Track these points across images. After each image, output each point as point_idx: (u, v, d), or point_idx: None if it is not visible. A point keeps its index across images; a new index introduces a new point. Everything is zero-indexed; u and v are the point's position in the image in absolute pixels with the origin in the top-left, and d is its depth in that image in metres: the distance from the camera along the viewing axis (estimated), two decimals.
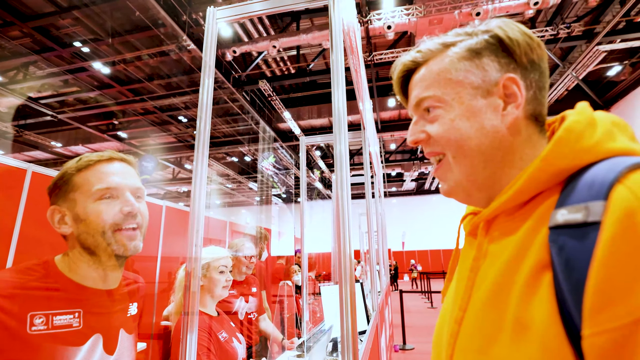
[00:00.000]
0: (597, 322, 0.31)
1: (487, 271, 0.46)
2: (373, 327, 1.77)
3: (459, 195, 0.53)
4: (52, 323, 0.68)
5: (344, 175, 0.88)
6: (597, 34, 6.33)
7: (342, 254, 0.83)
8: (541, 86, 0.49)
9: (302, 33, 6.36)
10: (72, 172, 0.77)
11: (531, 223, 0.42)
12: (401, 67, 0.56)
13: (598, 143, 0.40)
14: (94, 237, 0.74)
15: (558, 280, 0.35)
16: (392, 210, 18.53)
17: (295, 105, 10.33)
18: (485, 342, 0.41)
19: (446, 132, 0.50)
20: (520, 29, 0.49)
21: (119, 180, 0.79)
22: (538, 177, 0.42)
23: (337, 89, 0.94)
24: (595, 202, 0.34)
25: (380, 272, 3.64)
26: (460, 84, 0.49)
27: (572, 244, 0.35)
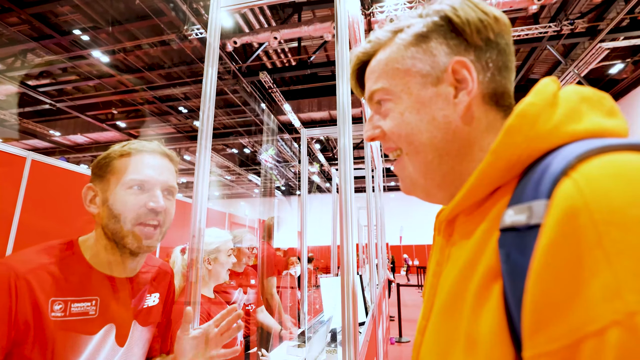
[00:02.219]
0: (536, 344, 0.26)
1: (446, 277, 0.42)
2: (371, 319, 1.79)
3: (418, 193, 0.49)
4: (70, 310, 0.67)
5: (347, 168, 0.89)
6: (600, 31, 6.30)
7: (345, 246, 0.84)
8: (501, 65, 0.43)
9: (303, 25, 6.30)
10: (115, 156, 0.78)
11: (486, 224, 0.37)
12: (354, 60, 0.53)
13: (557, 126, 0.33)
14: (113, 225, 0.74)
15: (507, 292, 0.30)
16: (390, 205, 18.58)
17: (296, 97, 10.28)
18: (442, 356, 0.37)
19: (396, 126, 0.46)
20: (474, 4, 0.44)
21: (153, 174, 0.78)
22: (489, 172, 0.36)
23: (342, 81, 0.93)
24: (539, 201, 0.29)
25: (378, 266, 3.67)
26: (408, 72, 0.45)
27: (515, 250, 0.30)
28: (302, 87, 10.08)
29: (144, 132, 12.48)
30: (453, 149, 0.43)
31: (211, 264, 1.42)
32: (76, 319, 0.68)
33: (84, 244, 0.76)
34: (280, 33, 6.43)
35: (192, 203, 0.92)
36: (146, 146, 0.82)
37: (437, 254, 0.46)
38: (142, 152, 0.80)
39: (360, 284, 2.02)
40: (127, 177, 0.76)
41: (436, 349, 0.39)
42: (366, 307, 1.90)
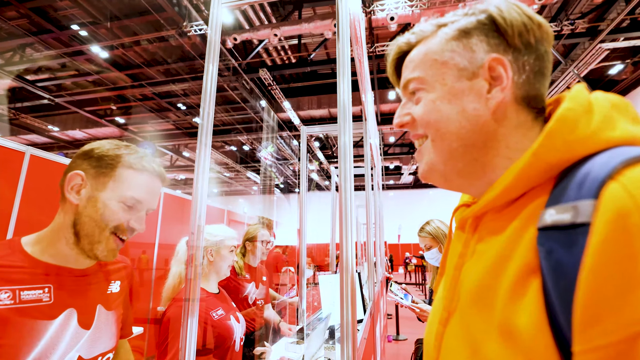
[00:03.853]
0: (588, 338, 0.27)
1: (471, 270, 0.44)
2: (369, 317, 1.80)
3: (435, 178, 0.50)
4: (20, 297, 0.68)
5: (347, 166, 0.89)
6: (600, 31, 6.30)
7: (344, 244, 0.84)
8: (537, 70, 0.45)
9: (304, 22, 6.28)
10: (125, 164, 0.79)
11: (519, 222, 0.38)
12: (396, 50, 0.54)
13: (595, 132, 0.36)
14: (91, 227, 0.75)
15: (547, 287, 0.32)
16: (389, 203, 18.60)
17: (295, 95, 10.27)
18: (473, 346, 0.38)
19: (426, 113, 0.47)
20: (520, 9, 0.45)
21: (148, 198, 0.82)
22: (527, 173, 0.38)
23: (343, 79, 0.93)
24: (585, 201, 0.30)
25: (377, 264, 3.67)
26: (446, 64, 0.47)
27: (559, 247, 0.31)
28: (302, 85, 10.06)
29: (143, 128, 12.45)
30: (479, 141, 0.45)
31: (213, 256, 1.43)
32: (30, 306, 0.69)
33: (30, 240, 0.76)
34: (280, 30, 6.41)
35: (191, 200, 0.92)
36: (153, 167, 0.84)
37: (460, 248, 0.47)
38: (150, 173, 0.83)
39: (358, 281, 2.03)
40: (128, 192, 0.78)
41: (466, 338, 0.40)
42: (364, 305, 1.91)
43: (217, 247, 1.44)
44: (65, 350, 0.73)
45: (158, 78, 8.88)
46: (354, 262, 0.84)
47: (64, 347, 0.73)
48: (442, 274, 0.56)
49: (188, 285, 0.87)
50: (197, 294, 0.89)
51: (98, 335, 0.81)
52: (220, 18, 1.04)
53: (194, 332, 0.86)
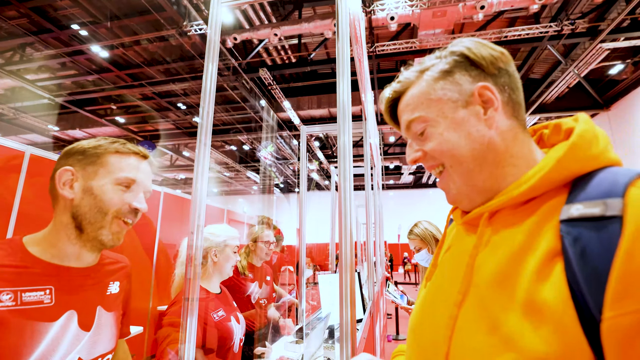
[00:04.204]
0: (621, 305, 0.34)
1: (488, 258, 0.49)
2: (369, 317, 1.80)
3: (463, 202, 0.57)
4: (21, 299, 0.68)
5: (347, 166, 0.89)
6: (601, 31, 6.30)
7: (343, 243, 0.84)
8: (514, 87, 0.55)
9: (304, 22, 6.28)
10: (110, 151, 0.81)
11: (537, 217, 0.45)
12: (386, 100, 0.63)
13: (602, 153, 0.46)
14: (94, 215, 0.76)
15: (571, 268, 0.38)
16: (389, 203, 18.60)
17: (295, 95, 10.26)
18: (491, 323, 0.43)
19: (438, 145, 0.54)
20: (483, 44, 0.56)
21: (142, 177, 0.84)
22: (552, 177, 0.46)
23: (342, 79, 0.93)
24: (613, 199, 0.38)
25: (376, 264, 3.67)
26: (441, 100, 0.55)
27: (588, 234, 0.38)
28: (301, 85, 10.06)
29: (143, 127, 12.45)
30: (489, 157, 0.52)
31: (217, 256, 1.43)
32: (31, 308, 0.69)
33: (31, 239, 0.76)
34: (280, 30, 6.41)
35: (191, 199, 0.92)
36: (138, 149, 0.86)
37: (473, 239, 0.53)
38: (136, 155, 0.85)
39: (358, 281, 2.03)
40: (120, 173, 0.80)
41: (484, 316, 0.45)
42: (364, 304, 1.91)
43: (221, 247, 1.44)
44: (65, 352, 0.73)
45: (158, 77, 8.88)
46: (353, 262, 0.84)
47: (64, 349, 0.73)
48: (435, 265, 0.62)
49: (187, 284, 0.88)
50: (196, 293, 0.89)
51: (98, 337, 0.81)
52: (219, 17, 1.04)
53: (194, 331, 0.86)
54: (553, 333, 0.37)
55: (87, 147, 0.80)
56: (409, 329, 0.63)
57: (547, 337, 0.37)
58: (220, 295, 1.47)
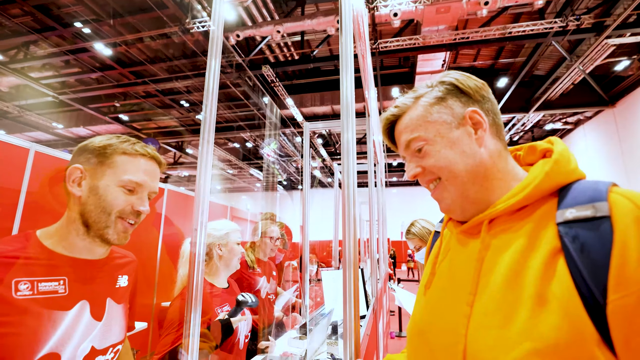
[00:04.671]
0: (622, 288, 0.40)
1: (493, 260, 0.55)
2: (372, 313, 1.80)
3: (456, 211, 0.64)
4: (38, 289, 0.71)
5: (350, 162, 0.88)
6: (607, 27, 6.23)
7: (347, 240, 0.84)
8: (496, 112, 0.65)
9: (307, 18, 6.26)
10: (118, 151, 0.82)
11: (533, 222, 0.53)
12: (385, 122, 0.71)
13: (576, 168, 0.55)
14: (98, 215, 0.78)
15: (573, 262, 0.45)
16: (392, 200, 18.58)
17: (298, 92, 10.25)
18: (505, 317, 0.48)
19: (437, 161, 0.62)
20: (467, 76, 0.65)
21: (147, 180, 0.85)
22: (543, 187, 0.53)
23: (346, 75, 0.93)
24: (600, 202, 0.46)
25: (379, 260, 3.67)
26: (437, 122, 0.63)
27: (584, 233, 0.45)
28: (304, 82, 10.04)
29: (146, 125, 12.49)
30: (481, 172, 0.60)
31: (222, 250, 1.43)
32: (47, 297, 0.72)
33: (45, 233, 0.79)
34: (283, 26, 6.40)
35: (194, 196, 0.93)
36: (146, 150, 0.87)
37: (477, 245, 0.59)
38: (144, 156, 0.86)
39: (361, 277, 2.04)
40: (125, 176, 0.81)
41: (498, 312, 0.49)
42: (367, 301, 1.91)
43: (225, 241, 1.45)
44: (79, 340, 0.76)
45: (161, 75, 8.89)
46: (357, 259, 0.84)
47: (78, 338, 0.76)
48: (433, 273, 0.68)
49: (191, 282, 0.88)
50: (199, 291, 0.89)
51: (109, 327, 0.84)
52: (222, 13, 1.04)
53: (197, 327, 0.87)
54: (562, 319, 0.43)
55: (98, 147, 0.82)
56: (413, 334, 0.66)
57: (557, 323, 0.43)
58: (227, 289, 1.48)
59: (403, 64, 9.56)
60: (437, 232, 0.81)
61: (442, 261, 0.68)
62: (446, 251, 0.68)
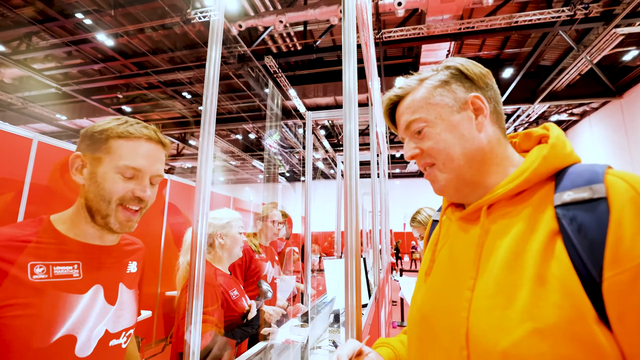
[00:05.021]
0: (618, 265, 0.42)
1: (493, 245, 0.55)
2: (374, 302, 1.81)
3: (449, 192, 0.65)
4: (53, 272, 0.72)
5: (352, 153, 0.88)
6: (615, 15, 6.11)
7: (349, 228, 0.84)
8: (497, 100, 0.65)
9: (309, 8, 6.19)
10: (113, 135, 0.79)
11: (532, 206, 0.54)
12: (387, 102, 0.71)
13: (572, 152, 0.56)
14: (98, 203, 0.77)
15: (571, 243, 0.46)
16: (395, 192, 18.57)
17: (301, 82, 10.18)
18: (506, 299, 0.49)
19: (436, 143, 0.63)
20: (473, 62, 0.66)
21: (146, 164, 0.81)
22: (540, 171, 0.55)
23: (348, 65, 0.92)
24: (597, 184, 0.47)
25: (382, 251, 3.69)
26: (439, 105, 0.64)
27: (582, 214, 0.47)
28: (307, 72, 9.97)
29: (149, 116, 12.49)
30: (478, 157, 0.61)
31: (223, 238, 1.46)
32: (61, 280, 0.73)
33: (58, 218, 0.79)
34: (286, 16, 6.33)
35: None
36: (144, 132, 0.82)
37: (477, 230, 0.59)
38: (140, 139, 0.81)
39: (364, 266, 2.05)
40: (121, 161, 0.78)
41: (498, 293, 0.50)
42: (369, 290, 1.92)
43: (227, 230, 1.47)
44: (94, 323, 0.77)
45: (163, 66, 8.86)
46: (359, 248, 0.84)
47: (93, 321, 0.77)
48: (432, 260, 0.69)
49: (193, 270, 0.89)
50: (201, 279, 0.90)
51: (121, 312, 0.85)
52: (223, 1, 1.03)
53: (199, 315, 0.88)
54: (562, 298, 0.44)
55: (94, 132, 0.79)
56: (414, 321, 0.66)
57: (558, 302, 0.44)
58: (231, 276, 1.51)
59: (407, 54, 9.46)
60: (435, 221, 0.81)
61: (441, 248, 0.69)
62: (446, 238, 0.69)
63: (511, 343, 0.46)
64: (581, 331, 0.42)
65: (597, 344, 0.41)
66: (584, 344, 0.42)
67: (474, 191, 0.62)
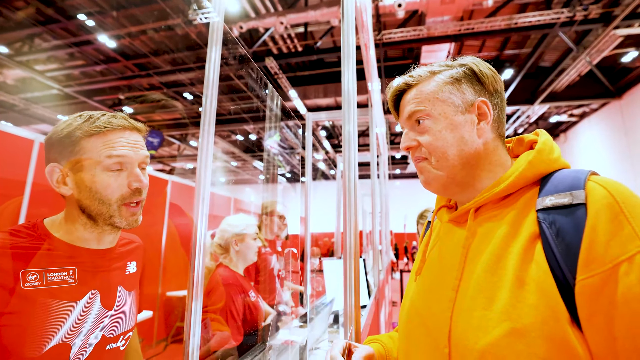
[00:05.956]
0: (590, 269, 0.44)
1: (478, 247, 0.57)
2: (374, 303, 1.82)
3: (437, 186, 0.65)
4: (47, 279, 0.69)
5: (351, 154, 0.89)
6: (615, 17, 6.12)
7: (348, 229, 0.85)
8: (502, 108, 0.65)
9: (310, 9, 6.20)
10: (82, 135, 0.73)
11: (516, 210, 0.55)
12: (395, 88, 0.70)
13: (559, 157, 0.58)
14: (97, 207, 0.74)
15: (549, 246, 0.48)
16: (395, 192, 18.54)
17: (301, 84, 10.19)
18: (487, 300, 0.51)
19: (434, 140, 0.63)
20: (487, 65, 0.65)
21: (129, 153, 0.76)
22: (526, 175, 0.56)
23: (347, 67, 0.93)
24: (577, 190, 0.49)
25: (382, 252, 3.69)
26: (445, 102, 0.63)
27: (561, 218, 0.48)
28: (308, 73, 9.97)
29: (150, 117, 12.51)
30: (473, 161, 0.62)
31: (238, 245, 1.50)
32: (55, 287, 0.70)
33: (52, 223, 0.76)
34: (286, 18, 6.35)
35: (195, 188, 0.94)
36: (115, 122, 0.77)
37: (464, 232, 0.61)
38: (114, 130, 0.76)
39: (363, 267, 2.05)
40: (103, 159, 0.73)
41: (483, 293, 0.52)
42: (369, 291, 1.93)
43: (241, 236, 1.51)
44: (89, 330, 0.75)
45: (165, 67, 8.87)
46: (357, 249, 0.85)
47: (88, 327, 0.75)
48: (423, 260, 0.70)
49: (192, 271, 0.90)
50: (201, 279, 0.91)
51: (120, 315, 0.83)
52: (223, 2, 1.05)
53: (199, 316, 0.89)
54: (538, 299, 0.46)
55: (61, 136, 0.73)
56: (404, 320, 0.68)
57: (534, 303, 0.46)
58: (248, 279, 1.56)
59: (407, 55, 9.46)
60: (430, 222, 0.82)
61: (432, 249, 0.70)
62: (436, 239, 0.70)
63: (489, 342, 0.47)
64: (555, 332, 0.44)
65: (569, 344, 0.43)
66: (557, 344, 0.43)
67: (462, 192, 0.64)
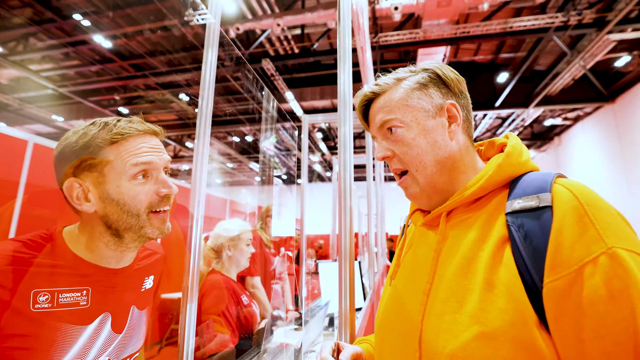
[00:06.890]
0: (555, 272, 0.44)
1: (450, 250, 0.58)
2: (369, 305, 1.82)
3: (422, 199, 0.66)
4: (58, 301, 0.64)
5: (347, 156, 0.89)
6: (608, 22, 6.19)
7: (343, 232, 0.85)
8: (469, 108, 0.67)
9: (307, 11, 6.22)
10: (103, 144, 0.68)
11: (486, 213, 0.56)
12: (362, 97, 0.70)
13: (528, 160, 0.58)
14: (126, 220, 0.69)
15: (518, 249, 0.48)
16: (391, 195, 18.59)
17: (298, 85, 10.19)
18: (458, 303, 0.51)
19: (410, 149, 0.63)
20: (450, 68, 0.66)
21: (154, 159, 0.72)
22: (495, 179, 0.57)
23: (343, 69, 0.94)
24: (544, 193, 0.49)
25: (377, 254, 3.69)
26: (415, 108, 0.64)
27: (529, 222, 0.49)
28: (304, 75, 9.99)
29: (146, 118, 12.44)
30: (448, 164, 0.62)
31: (231, 250, 1.49)
32: (66, 310, 0.65)
33: (70, 235, 0.71)
34: (283, 19, 6.36)
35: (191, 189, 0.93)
36: (134, 127, 0.73)
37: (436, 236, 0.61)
38: (134, 136, 0.72)
39: (359, 270, 2.05)
40: (128, 167, 0.68)
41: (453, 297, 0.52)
42: (364, 293, 1.93)
43: (235, 242, 1.50)
44: (96, 355, 0.71)
45: (161, 68, 8.84)
46: (352, 252, 0.85)
47: (95, 352, 0.70)
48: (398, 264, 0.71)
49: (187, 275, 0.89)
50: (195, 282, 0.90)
51: (129, 338, 0.79)
52: (220, 4, 1.04)
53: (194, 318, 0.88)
54: (507, 303, 0.46)
55: (76, 149, 0.68)
56: (379, 323, 0.68)
57: (503, 307, 0.46)
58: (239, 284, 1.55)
59: (403, 58, 9.51)
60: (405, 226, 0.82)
61: (406, 253, 0.70)
62: (410, 243, 0.71)
63: (458, 346, 0.47)
64: (523, 335, 0.44)
65: (537, 347, 0.43)
66: (525, 347, 0.43)
67: (442, 197, 0.63)
